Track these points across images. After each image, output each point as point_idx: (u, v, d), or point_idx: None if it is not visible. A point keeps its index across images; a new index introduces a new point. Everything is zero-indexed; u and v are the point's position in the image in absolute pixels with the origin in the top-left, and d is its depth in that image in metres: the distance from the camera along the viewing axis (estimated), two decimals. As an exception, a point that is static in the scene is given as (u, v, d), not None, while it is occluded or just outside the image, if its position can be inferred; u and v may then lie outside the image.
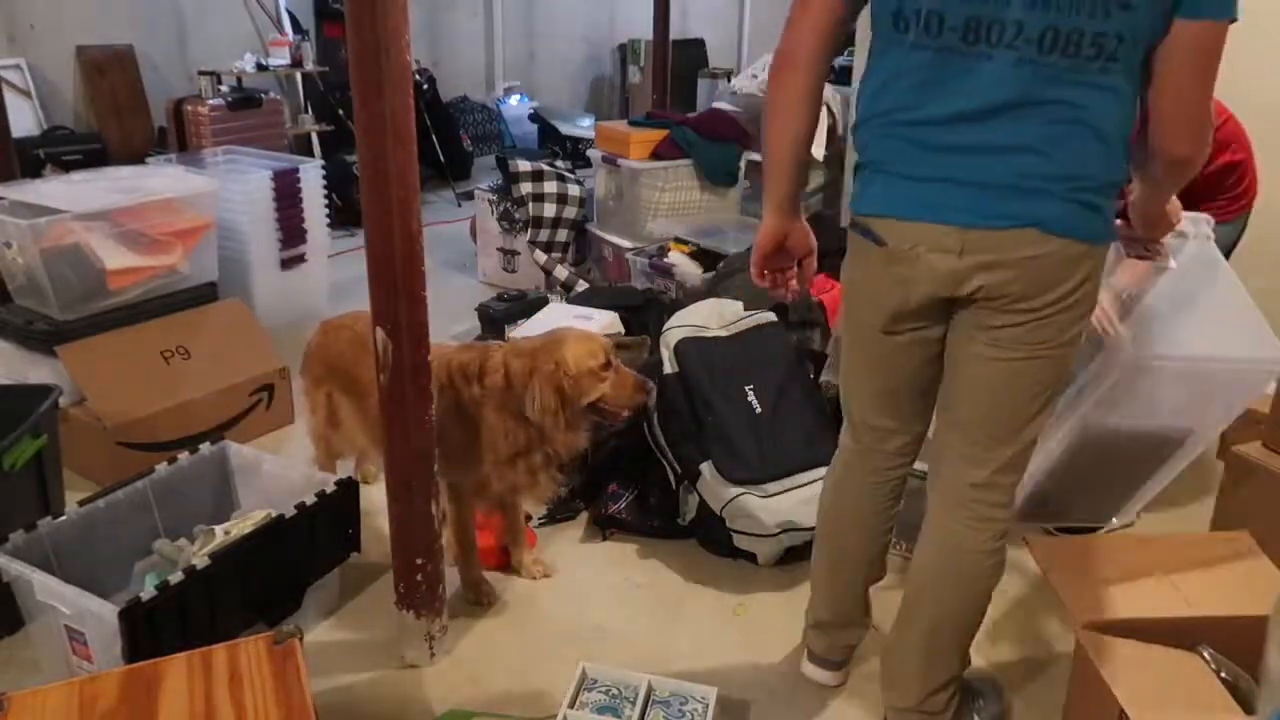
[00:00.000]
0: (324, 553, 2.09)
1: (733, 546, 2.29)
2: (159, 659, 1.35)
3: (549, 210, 4.29)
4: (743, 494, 2.21)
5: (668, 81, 5.39)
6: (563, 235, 4.34)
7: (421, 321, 1.76)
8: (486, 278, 4.49)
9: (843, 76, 5.31)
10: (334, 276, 4.05)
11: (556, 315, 3.29)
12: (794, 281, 1.66)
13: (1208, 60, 1.33)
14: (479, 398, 2.00)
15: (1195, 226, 2.04)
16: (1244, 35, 3.20)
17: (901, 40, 1.37)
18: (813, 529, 2.28)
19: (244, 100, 4.95)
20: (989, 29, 1.30)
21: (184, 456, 2.17)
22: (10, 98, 4.18)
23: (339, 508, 2.08)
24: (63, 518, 1.91)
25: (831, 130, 4.38)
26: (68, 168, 4.31)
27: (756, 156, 4.35)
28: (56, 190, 2.83)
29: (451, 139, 6.16)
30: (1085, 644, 1.62)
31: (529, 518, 2.37)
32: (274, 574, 1.96)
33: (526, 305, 3.50)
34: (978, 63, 1.32)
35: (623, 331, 3.16)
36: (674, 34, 5.55)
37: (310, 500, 1.99)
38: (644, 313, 3.32)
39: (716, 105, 4.66)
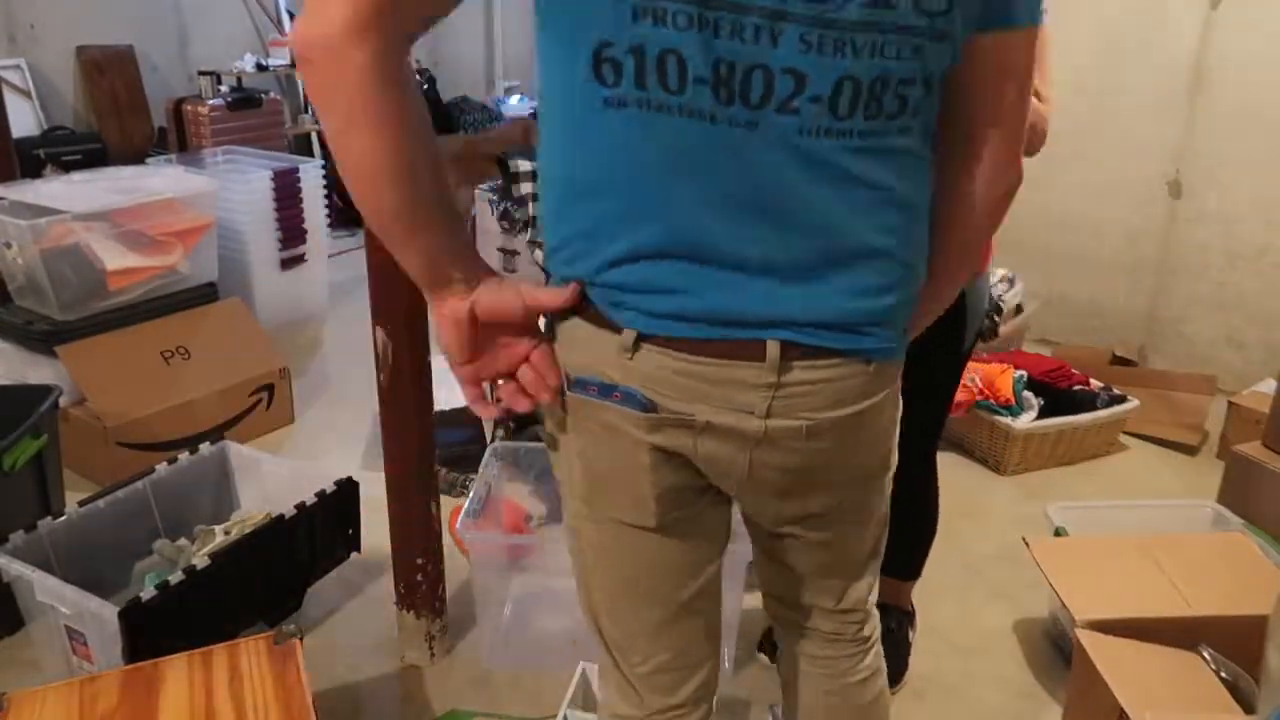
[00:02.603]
0: (324, 553, 2.10)
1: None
2: (159, 659, 1.35)
3: (549, 210, 4.29)
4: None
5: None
6: (563, 235, 4.34)
7: (421, 321, 1.76)
8: (486, 278, 4.49)
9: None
10: (334, 276, 4.04)
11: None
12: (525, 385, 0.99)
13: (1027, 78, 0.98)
14: None
15: None
16: (1243, 42, 3.22)
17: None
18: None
19: (244, 100, 4.94)
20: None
21: (184, 456, 2.16)
22: (10, 98, 4.18)
23: (339, 508, 2.08)
24: (63, 518, 1.91)
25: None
26: (68, 168, 4.31)
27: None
28: (56, 190, 2.83)
29: (451, 139, 6.15)
30: (1085, 644, 1.62)
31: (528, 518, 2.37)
32: (274, 574, 1.96)
33: (526, 305, 3.50)
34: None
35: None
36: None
37: (310, 500, 1.99)
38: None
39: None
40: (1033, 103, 1.29)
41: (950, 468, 2.85)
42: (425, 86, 5.96)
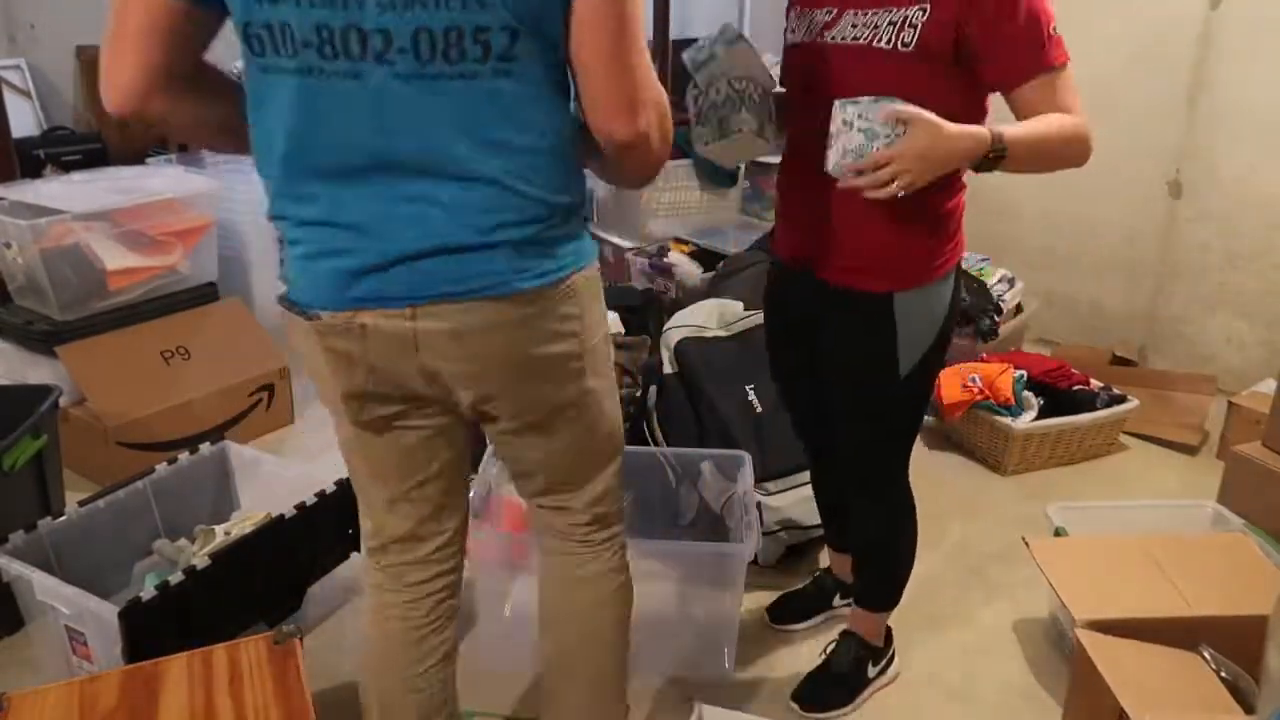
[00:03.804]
0: (324, 553, 2.09)
1: (733, 546, 2.28)
2: (159, 659, 1.35)
3: (549, 210, 4.28)
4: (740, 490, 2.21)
5: (668, 81, 5.39)
6: (563, 235, 4.34)
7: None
8: (486, 278, 4.48)
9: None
10: (334, 276, 4.04)
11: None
12: None
13: (617, 21, 1.08)
14: None
15: None
16: (1243, 42, 3.22)
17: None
18: (814, 527, 2.29)
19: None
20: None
21: (184, 456, 2.17)
22: (10, 98, 4.17)
23: (339, 508, 2.08)
24: (63, 518, 1.91)
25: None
26: (68, 168, 4.30)
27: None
28: (56, 190, 2.83)
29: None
30: (1085, 644, 1.62)
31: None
32: (274, 574, 1.96)
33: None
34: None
35: (623, 331, 3.16)
36: (674, 34, 5.55)
37: (310, 500, 1.99)
38: (644, 313, 3.32)
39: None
40: (1071, 118, 1.38)
41: (950, 468, 2.86)
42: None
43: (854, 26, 1.45)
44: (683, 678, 1.96)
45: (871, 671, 1.92)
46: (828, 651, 1.94)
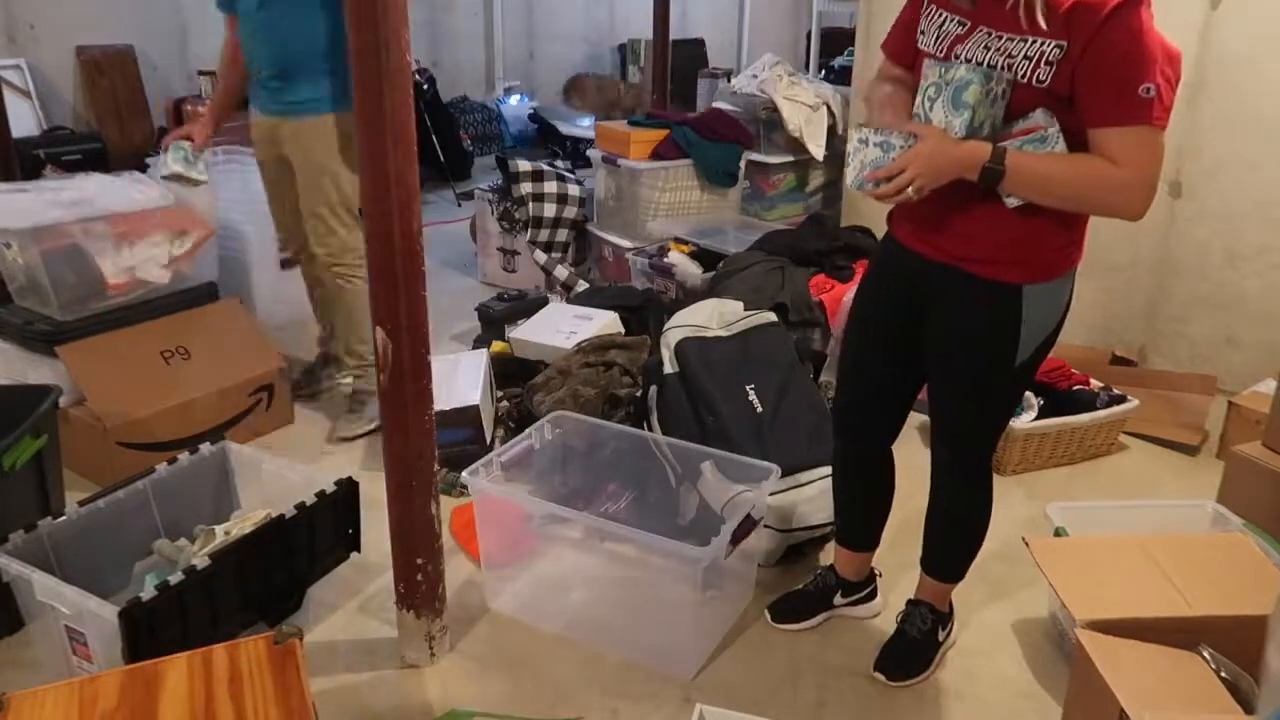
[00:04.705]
0: (324, 553, 2.10)
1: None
2: (159, 659, 1.35)
3: (549, 210, 4.29)
4: (744, 492, 2.21)
5: (668, 81, 5.39)
6: (563, 235, 4.34)
7: (421, 321, 1.76)
8: (486, 278, 4.49)
9: (843, 76, 5.31)
10: (334, 276, 4.03)
11: (556, 315, 3.29)
12: None
13: None
14: None
15: None
16: (1243, 42, 3.20)
17: None
18: (815, 527, 2.29)
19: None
20: None
21: (184, 456, 2.17)
22: (10, 98, 4.18)
23: (339, 508, 2.08)
24: (63, 518, 1.91)
25: (831, 130, 4.38)
26: (68, 168, 4.31)
27: (756, 156, 4.35)
28: (65, 197, 2.80)
29: (451, 139, 6.15)
30: (1085, 644, 1.62)
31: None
32: (274, 574, 1.96)
33: (526, 305, 3.50)
34: None
35: (623, 331, 3.16)
36: (674, 34, 5.55)
37: (310, 500, 1.99)
38: (644, 313, 3.33)
39: (716, 105, 4.66)
40: (1113, 169, 1.43)
41: (950, 468, 2.86)
42: (425, 86, 5.95)
43: (987, 50, 1.51)
44: (684, 678, 1.96)
45: (941, 635, 2.01)
46: (899, 621, 2.02)
